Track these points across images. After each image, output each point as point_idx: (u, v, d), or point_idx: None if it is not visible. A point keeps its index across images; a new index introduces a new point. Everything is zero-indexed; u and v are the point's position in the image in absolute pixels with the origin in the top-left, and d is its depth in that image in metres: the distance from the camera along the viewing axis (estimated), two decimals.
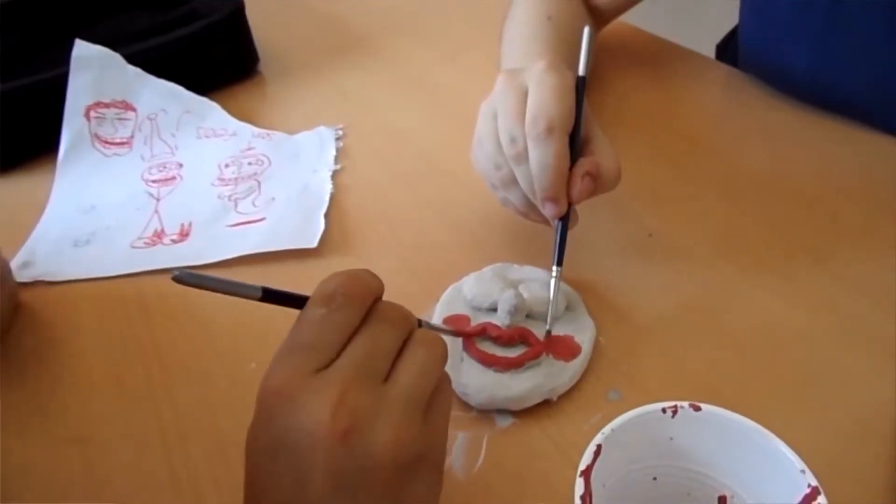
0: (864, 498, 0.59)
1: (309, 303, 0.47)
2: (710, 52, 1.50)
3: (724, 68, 1.30)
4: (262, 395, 0.45)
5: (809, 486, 0.42)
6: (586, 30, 0.81)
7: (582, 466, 0.43)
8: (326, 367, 0.44)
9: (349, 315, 0.46)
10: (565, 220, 0.76)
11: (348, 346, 0.45)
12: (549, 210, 0.74)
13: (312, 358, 0.44)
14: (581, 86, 0.77)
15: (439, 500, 0.48)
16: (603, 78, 1.24)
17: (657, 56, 1.35)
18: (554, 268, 0.75)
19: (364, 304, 0.47)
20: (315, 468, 0.41)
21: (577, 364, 0.71)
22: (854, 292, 0.80)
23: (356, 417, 0.41)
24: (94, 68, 1.15)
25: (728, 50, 1.45)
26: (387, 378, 0.45)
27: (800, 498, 0.42)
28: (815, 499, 0.41)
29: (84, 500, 0.67)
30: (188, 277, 0.44)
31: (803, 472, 0.42)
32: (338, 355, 0.44)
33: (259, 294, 0.48)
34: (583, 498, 0.41)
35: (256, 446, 0.45)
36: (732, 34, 1.41)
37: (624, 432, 0.46)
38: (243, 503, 0.46)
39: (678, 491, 0.51)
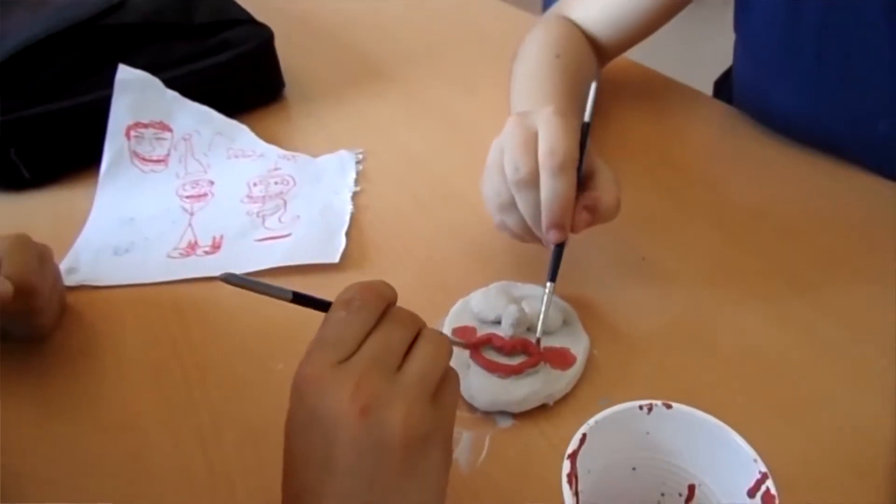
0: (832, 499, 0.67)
1: (332, 306, 0.56)
2: (709, 86, 1.59)
3: (719, 106, 1.39)
4: (296, 382, 0.53)
5: (760, 472, 0.50)
6: (593, 84, 0.91)
7: (569, 450, 0.51)
8: (347, 359, 0.52)
9: (366, 317, 0.55)
10: (561, 244, 0.84)
11: (365, 342, 0.54)
12: (552, 236, 0.82)
13: (335, 352, 0.53)
14: (586, 130, 0.86)
15: (448, 477, 0.56)
16: (606, 110, 1.33)
17: (657, 91, 1.44)
18: (548, 284, 0.83)
19: (378, 308, 0.56)
20: (339, 441, 0.49)
21: (572, 373, 0.79)
22: (832, 318, 0.87)
23: (372, 399, 0.50)
24: (134, 91, 1.25)
25: (724, 86, 1.54)
26: (399, 368, 0.53)
27: (752, 482, 0.50)
28: (764, 482, 0.49)
29: (127, 483, 0.75)
30: (233, 278, 0.54)
31: (755, 460, 0.50)
32: (357, 350, 0.53)
33: (290, 297, 0.57)
34: (569, 476, 0.49)
35: (292, 425, 0.54)
36: (729, 71, 1.50)
37: (606, 425, 0.54)
38: (283, 474, 0.55)
39: (654, 480, 0.58)
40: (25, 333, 0.89)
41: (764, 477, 0.49)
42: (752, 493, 0.49)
